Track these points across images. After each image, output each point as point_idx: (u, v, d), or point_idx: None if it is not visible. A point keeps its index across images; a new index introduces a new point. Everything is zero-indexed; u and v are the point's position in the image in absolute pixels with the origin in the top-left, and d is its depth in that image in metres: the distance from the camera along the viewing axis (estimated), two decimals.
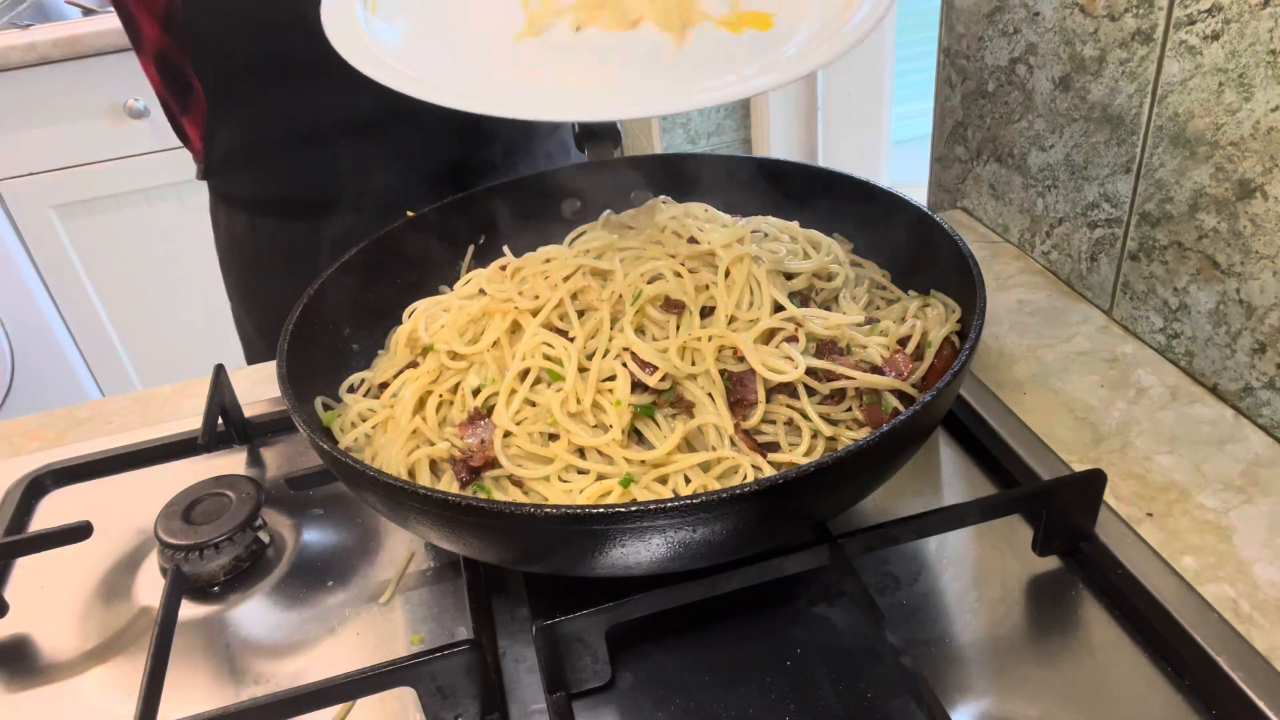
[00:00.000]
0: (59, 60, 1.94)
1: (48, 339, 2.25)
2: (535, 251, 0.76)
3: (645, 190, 0.91)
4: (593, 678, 0.61)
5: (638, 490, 0.61)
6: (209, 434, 0.79)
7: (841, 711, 0.58)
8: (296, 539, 0.76)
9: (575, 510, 0.51)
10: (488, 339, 0.68)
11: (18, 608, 0.73)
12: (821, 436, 0.64)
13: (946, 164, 1.16)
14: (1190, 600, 0.61)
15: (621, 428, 0.62)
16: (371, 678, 0.56)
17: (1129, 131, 0.84)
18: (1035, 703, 0.58)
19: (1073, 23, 0.88)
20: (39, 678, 0.67)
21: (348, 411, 0.71)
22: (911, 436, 0.59)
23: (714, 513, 0.52)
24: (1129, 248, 0.88)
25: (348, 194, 1.02)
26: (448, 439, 0.66)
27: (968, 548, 0.69)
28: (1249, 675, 0.56)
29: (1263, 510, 0.70)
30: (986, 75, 1.03)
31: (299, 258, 1.06)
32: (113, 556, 0.77)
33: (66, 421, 0.94)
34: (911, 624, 0.64)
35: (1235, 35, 0.71)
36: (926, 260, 0.75)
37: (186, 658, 0.67)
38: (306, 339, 0.72)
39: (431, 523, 0.56)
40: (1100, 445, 0.77)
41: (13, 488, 0.83)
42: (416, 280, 0.84)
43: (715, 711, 0.59)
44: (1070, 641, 0.62)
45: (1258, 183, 0.72)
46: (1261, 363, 0.76)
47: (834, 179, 0.83)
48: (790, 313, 0.66)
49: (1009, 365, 0.88)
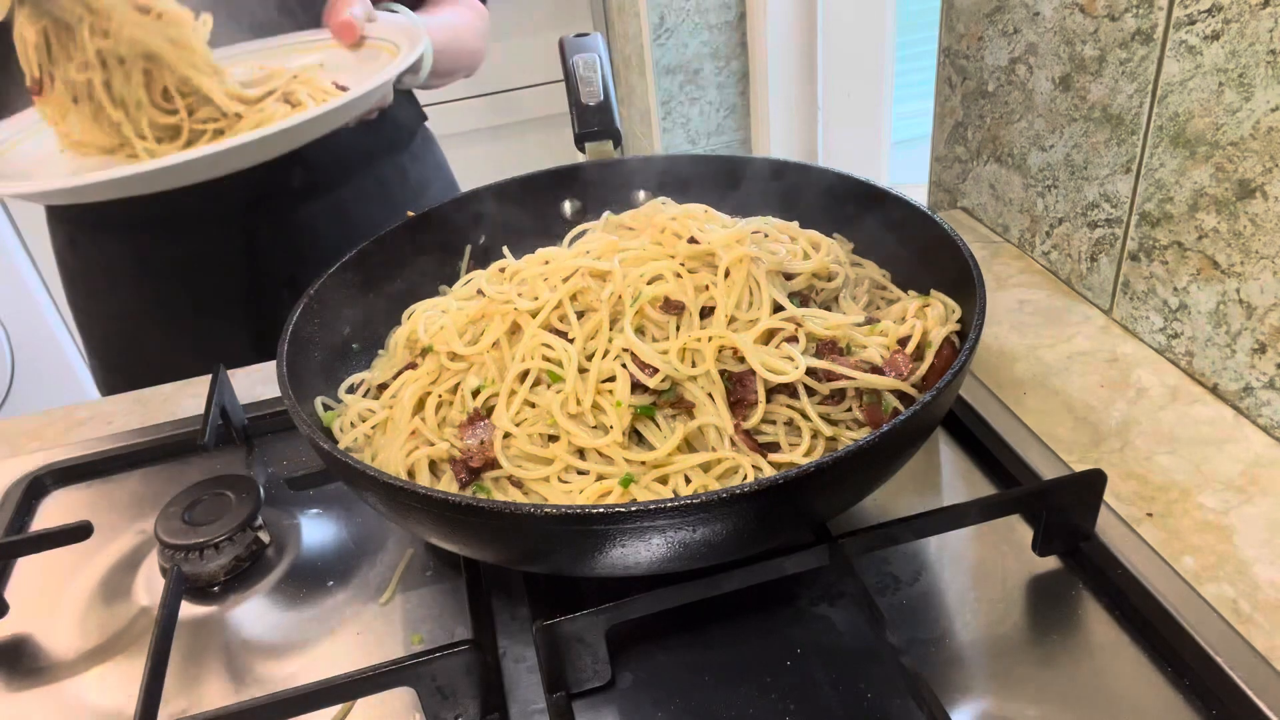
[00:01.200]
0: None
1: (48, 339, 2.25)
2: (534, 254, 0.76)
3: (645, 190, 0.91)
4: (593, 678, 0.61)
5: (638, 490, 0.61)
6: (209, 434, 0.79)
7: (841, 711, 0.58)
8: (296, 539, 0.76)
9: (575, 510, 0.51)
10: (487, 340, 0.68)
11: (18, 608, 0.73)
12: (821, 436, 0.64)
13: (946, 164, 1.16)
14: (1190, 600, 0.61)
15: (622, 429, 0.62)
16: (371, 678, 0.56)
17: (1129, 131, 0.84)
18: (1035, 703, 0.58)
19: (1073, 23, 0.88)
20: (39, 678, 0.67)
21: (347, 412, 0.71)
22: (911, 436, 0.59)
23: (714, 513, 0.52)
24: (1129, 248, 0.88)
25: (160, 213, 1.03)
26: (447, 439, 0.66)
27: (968, 548, 0.69)
28: (1249, 675, 0.56)
29: (1263, 510, 0.70)
30: (986, 75, 1.03)
31: (118, 274, 1.10)
32: (113, 556, 0.77)
33: (66, 421, 0.94)
34: (911, 624, 0.64)
35: (1235, 35, 0.71)
36: (926, 260, 0.75)
37: (186, 658, 0.67)
38: (306, 339, 0.72)
39: (431, 523, 0.56)
40: (1100, 445, 0.77)
41: (13, 488, 0.83)
42: (416, 280, 0.84)
43: (715, 711, 0.59)
44: (1070, 641, 0.62)
45: (1258, 183, 0.72)
46: (1261, 363, 0.76)
47: (834, 179, 0.83)
48: (790, 313, 0.66)
49: (1009, 365, 0.88)
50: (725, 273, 0.67)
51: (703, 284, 0.67)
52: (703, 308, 0.67)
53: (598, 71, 0.94)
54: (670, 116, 2.14)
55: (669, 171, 0.90)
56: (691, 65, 2.08)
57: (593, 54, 0.95)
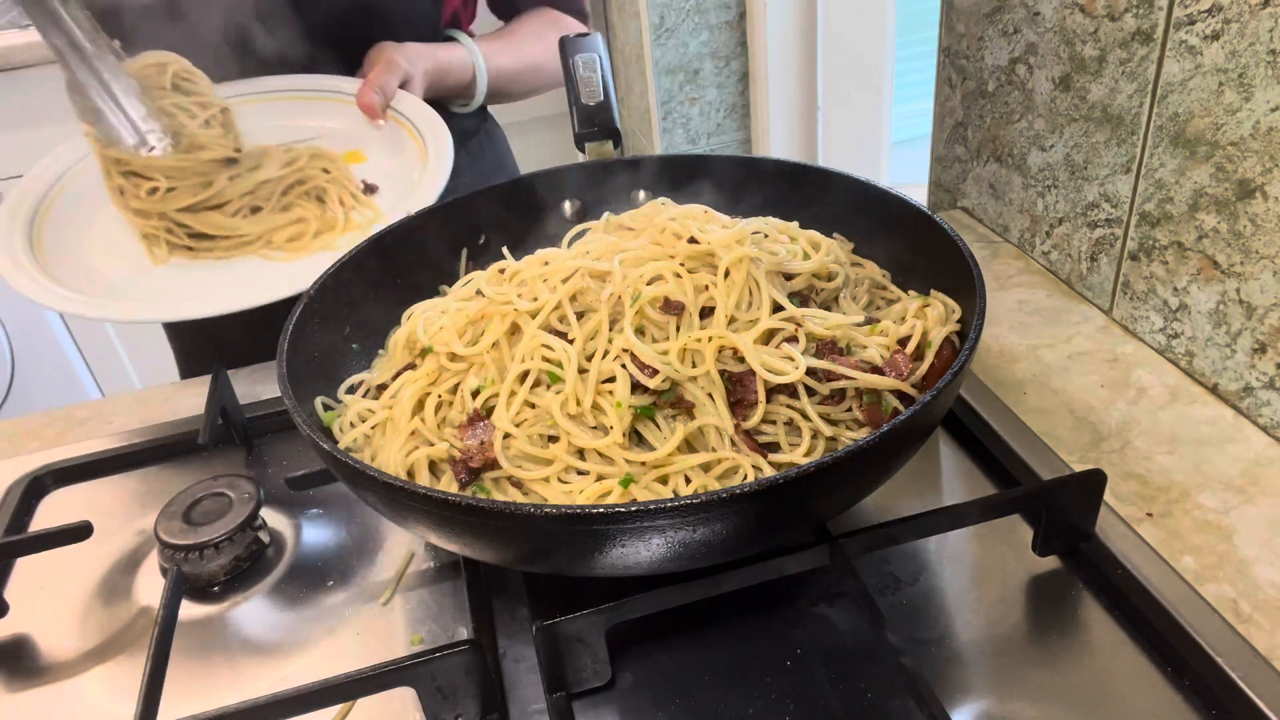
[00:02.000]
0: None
1: (48, 339, 2.25)
2: (534, 254, 0.76)
3: (645, 190, 0.91)
4: (593, 678, 0.61)
5: (638, 490, 0.61)
6: (209, 434, 0.79)
7: (841, 711, 0.58)
8: (296, 539, 0.76)
9: (575, 510, 0.51)
10: (486, 341, 0.68)
11: (18, 608, 0.73)
12: (822, 436, 0.64)
13: (946, 164, 1.16)
14: (1190, 600, 0.61)
15: (622, 430, 0.62)
16: (371, 678, 0.56)
17: (1129, 131, 0.84)
18: (1035, 703, 0.58)
19: (1073, 23, 0.88)
20: (39, 678, 0.67)
21: (347, 412, 0.71)
22: (911, 436, 0.59)
23: (714, 513, 0.52)
24: (1129, 248, 0.88)
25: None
26: (447, 440, 0.66)
27: (968, 548, 0.69)
28: (1249, 675, 0.56)
29: (1263, 510, 0.70)
30: (986, 75, 1.03)
31: None
32: (113, 556, 0.77)
33: (66, 421, 0.94)
34: (911, 624, 0.64)
35: (1235, 35, 0.71)
36: (926, 260, 0.75)
37: (186, 658, 0.67)
38: (306, 339, 0.72)
39: (431, 523, 0.56)
40: (1100, 445, 0.77)
41: (13, 488, 0.83)
42: (416, 279, 0.84)
43: (715, 711, 0.59)
44: (1070, 641, 0.62)
45: (1258, 183, 0.72)
46: (1261, 363, 0.76)
47: (834, 179, 0.83)
48: (790, 313, 0.66)
49: (1009, 365, 0.88)
50: (725, 273, 0.67)
51: (702, 284, 0.67)
52: (702, 308, 0.67)
53: (598, 71, 0.94)
54: (670, 116, 2.14)
55: (669, 171, 0.90)
56: (691, 65, 2.08)
57: (593, 54, 0.95)
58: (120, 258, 0.99)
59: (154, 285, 0.96)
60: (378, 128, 1.09)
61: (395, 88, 1.10)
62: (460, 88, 1.21)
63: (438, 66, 1.15)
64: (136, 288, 0.95)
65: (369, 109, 1.08)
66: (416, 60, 1.13)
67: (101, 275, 0.96)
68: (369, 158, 1.09)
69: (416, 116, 1.09)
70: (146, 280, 0.97)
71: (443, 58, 1.17)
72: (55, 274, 0.93)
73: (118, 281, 0.96)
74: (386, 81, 1.08)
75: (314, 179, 1.02)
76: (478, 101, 1.23)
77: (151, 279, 0.97)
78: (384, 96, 1.08)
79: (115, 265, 0.98)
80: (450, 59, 1.18)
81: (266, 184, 1.00)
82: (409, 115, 1.09)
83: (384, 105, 1.09)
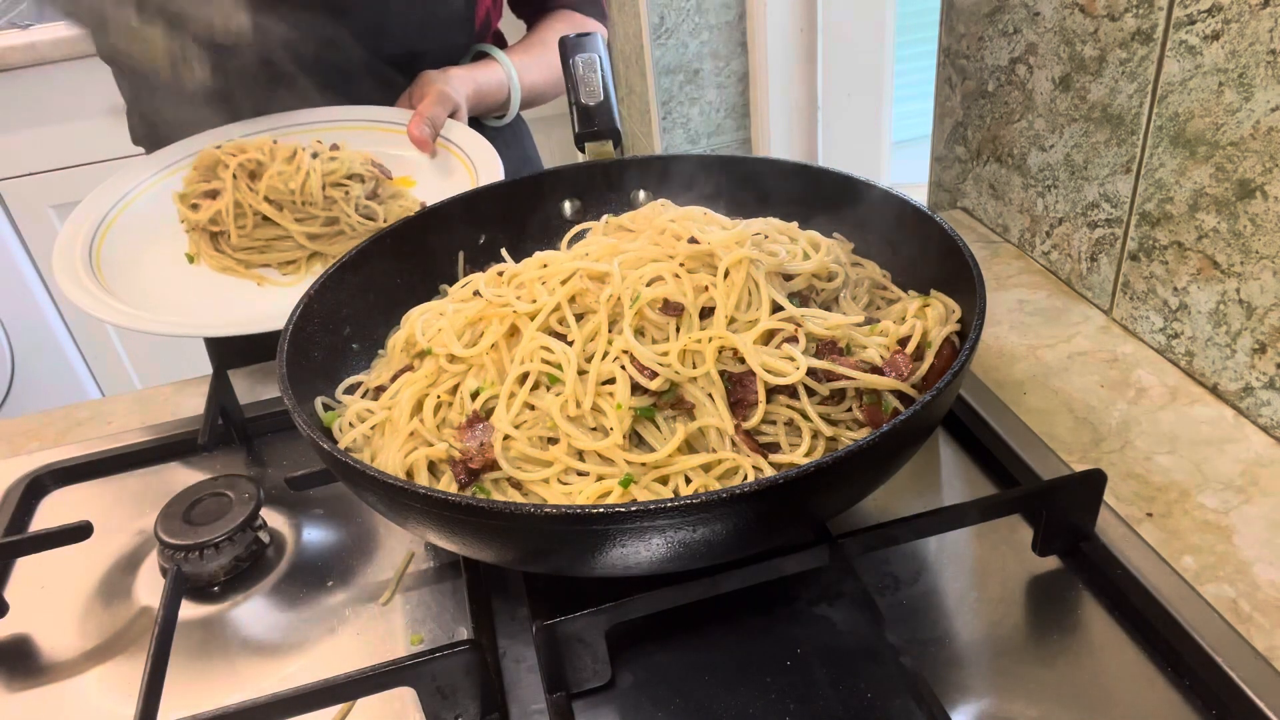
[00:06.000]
0: (59, 60, 1.94)
1: (48, 339, 2.25)
2: (532, 257, 0.76)
3: (645, 190, 0.91)
4: (593, 678, 0.61)
5: (638, 491, 0.61)
6: (209, 434, 0.79)
7: (841, 711, 0.58)
8: (296, 539, 0.76)
9: (575, 510, 0.51)
10: (485, 342, 0.68)
11: (18, 608, 0.73)
12: (822, 437, 0.64)
13: (946, 164, 1.16)
14: (1190, 600, 0.61)
15: (623, 432, 0.62)
16: (371, 678, 0.56)
17: (1129, 131, 0.84)
18: (1035, 703, 0.58)
19: (1073, 23, 0.88)
20: (39, 678, 0.67)
21: (347, 412, 0.71)
22: (911, 436, 0.59)
23: (714, 513, 0.52)
24: (1129, 248, 0.88)
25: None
26: (446, 440, 0.66)
27: (968, 548, 0.69)
28: (1249, 675, 0.56)
29: (1263, 510, 0.70)
30: (986, 75, 1.03)
31: None
32: (113, 556, 0.77)
33: (66, 421, 0.94)
34: (911, 624, 0.64)
35: (1235, 35, 0.71)
36: (926, 260, 0.75)
37: (186, 658, 0.67)
38: (306, 339, 0.72)
39: (431, 523, 0.56)
40: (1100, 445, 0.77)
41: (13, 488, 0.83)
42: (416, 279, 0.84)
43: (715, 711, 0.59)
44: (1070, 641, 0.62)
45: (1258, 183, 0.72)
46: (1261, 363, 0.76)
47: (834, 179, 0.83)
48: (790, 313, 0.66)
49: (1009, 365, 0.88)
50: (725, 273, 0.67)
51: (702, 285, 0.67)
52: (702, 309, 0.67)
53: (598, 71, 0.94)
54: (670, 116, 2.14)
55: (669, 171, 0.90)
56: (691, 65, 2.08)
57: (593, 54, 0.95)
58: (173, 275, 1.01)
59: (203, 301, 0.98)
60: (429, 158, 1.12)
61: (444, 119, 1.12)
62: (497, 106, 1.27)
63: (477, 89, 1.21)
64: (187, 302, 0.97)
65: (421, 143, 1.10)
66: (459, 88, 1.17)
67: (155, 291, 0.98)
68: (418, 182, 1.10)
69: (466, 145, 1.11)
70: (196, 297, 0.98)
71: (481, 80, 1.21)
72: (112, 289, 0.96)
73: (169, 297, 0.97)
74: (436, 114, 1.11)
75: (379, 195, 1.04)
76: (511, 116, 1.29)
77: (202, 295, 0.99)
78: (434, 129, 1.11)
79: (169, 281, 1.00)
80: (488, 81, 1.23)
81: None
82: (459, 144, 1.11)
83: (434, 137, 1.11)
